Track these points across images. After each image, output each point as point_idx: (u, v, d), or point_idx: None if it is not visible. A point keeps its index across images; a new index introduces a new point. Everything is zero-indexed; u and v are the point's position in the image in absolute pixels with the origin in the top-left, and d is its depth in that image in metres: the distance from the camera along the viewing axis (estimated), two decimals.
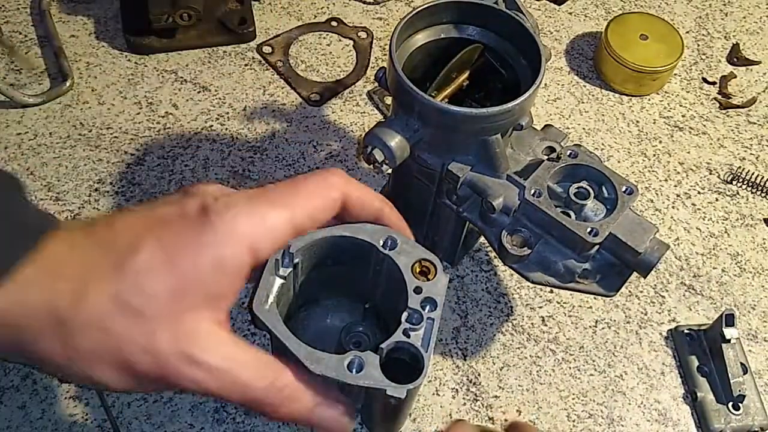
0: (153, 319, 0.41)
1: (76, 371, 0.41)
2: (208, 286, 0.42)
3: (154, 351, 0.40)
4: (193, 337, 0.41)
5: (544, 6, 1.13)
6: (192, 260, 0.42)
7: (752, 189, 0.95)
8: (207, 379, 0.41)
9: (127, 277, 0.40)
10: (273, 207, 0.45)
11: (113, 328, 0.40)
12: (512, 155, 0.71)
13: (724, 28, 1.13)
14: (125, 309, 0.40)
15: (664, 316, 0.84)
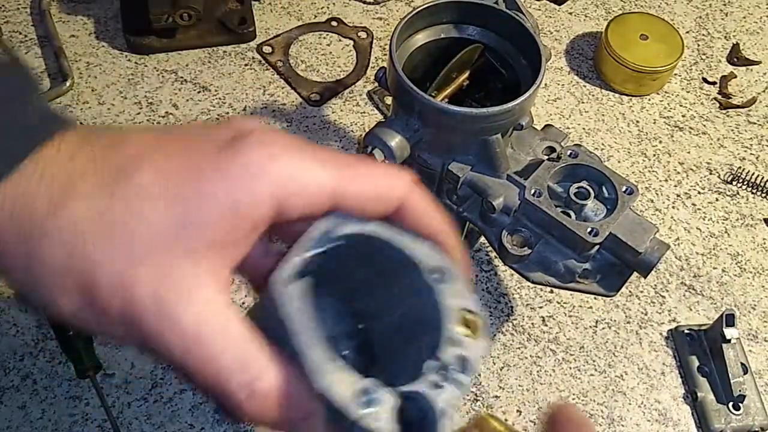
0: (138, 251, 0.34)
1: (34, 289, 0.35)
2: (214, 230, 0.34)
3: (126, 285, 0.33)
4: (178, 286, 0.34)
5: (544, 6, 1.13)
6: (202, 195, 0.34)
7: (752, 189, 0.95)
8: (172, 342, 0.33)
9: (119, 197, 0.34)
10: (321, 166, 0.36)
11: (87, 247, 0.33)
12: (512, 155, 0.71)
13: (724, 28, 1.13)
14: (108, 230, 0.34)
15: (665, 316, 0.84)
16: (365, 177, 0.38)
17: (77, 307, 0.34)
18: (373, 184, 0.38)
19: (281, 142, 0.36)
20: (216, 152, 0.35)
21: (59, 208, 0.33)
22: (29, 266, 0.34)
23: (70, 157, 0.35)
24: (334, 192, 0.36)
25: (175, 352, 0.33)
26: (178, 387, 0.75)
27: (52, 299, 0.34)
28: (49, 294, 0.34)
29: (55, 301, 0.34)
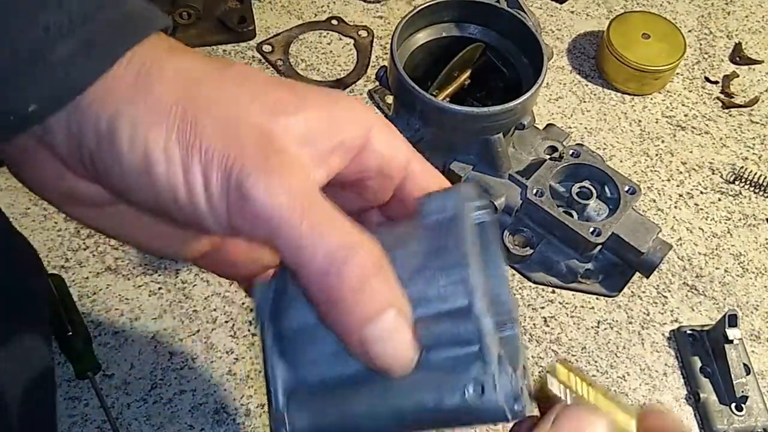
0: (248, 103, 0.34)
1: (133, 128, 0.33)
2: (312, 130, 0.34)
3: (231, 130, 0.33)
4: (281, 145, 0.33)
5: (545, 5, 1.13)
6: (306, 99, 0.35)
7: (755, 189, 0.95)
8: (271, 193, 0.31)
9: (235, 67, 0.35)
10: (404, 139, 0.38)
11: (200, 89, 0.34)
12: (514, 154, 0.71)
13: (726, 27, 1.13)
14: (221, 80, 0.34)
15: (667, 316, 0.84)
16: (433, 170, 0.39)
17: (172, 138, 0.32)
18: (438, 180, 0.39)
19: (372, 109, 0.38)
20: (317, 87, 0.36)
21: (178, 59, 0.34)
22: (135, 98, 0.33)
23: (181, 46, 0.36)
24: (408, 166, 0.38)
25: (275, 204, 0.31)
26: (178, 388, 0.74)
27: (148, 130, 0.32)
28: (147, 125, 0.32)
29: (150, 131, 0.32)
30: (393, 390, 0.33)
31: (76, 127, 0.33)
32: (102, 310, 0.79)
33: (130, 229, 0.40)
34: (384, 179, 0.38)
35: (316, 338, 0.34)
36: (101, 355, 0.75)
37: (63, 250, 0.82)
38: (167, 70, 0.34)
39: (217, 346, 0.77)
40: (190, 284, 0.81)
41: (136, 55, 0.33)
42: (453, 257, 0.32)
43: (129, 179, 0.33)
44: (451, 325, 0.32)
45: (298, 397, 0.35)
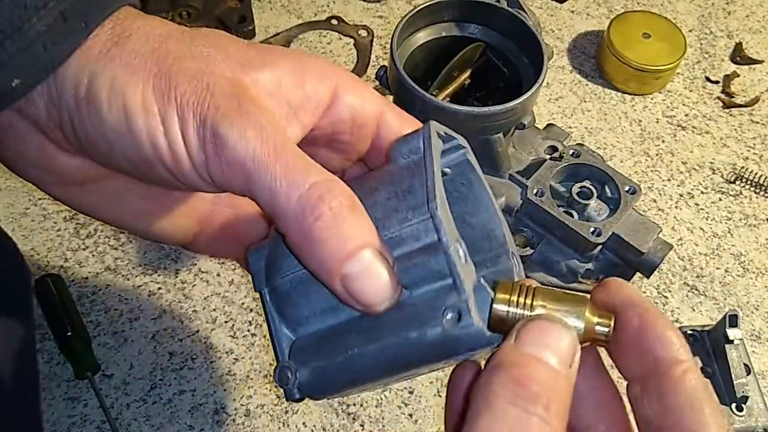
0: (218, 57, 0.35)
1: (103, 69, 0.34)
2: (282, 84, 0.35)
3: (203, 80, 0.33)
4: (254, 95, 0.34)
5: (546, 4, 1.13)
6: (274, 56, 0.36)
7: (755, 189, 0.94)
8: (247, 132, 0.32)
9: (203, 32, 0.36)
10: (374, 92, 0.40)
11: (171, 43, 0.34)
12: (514, 154, 0.71)
13: (727, 26, 1.13)
14: (190, 39, 0.35)
15: (667, 316, 0.83)
16: (408, 118, 0.40)
17: (147, 94, 0.33)
18: (413, 125, 0.39)
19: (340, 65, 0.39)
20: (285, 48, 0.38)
21: (149, 22, 0.35)
22: (111, 55, 0.34)
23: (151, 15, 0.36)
24: (380, 116, 0.38)
25: (249, 148, 0.32)
26: (178, 388, 0.74)
27: (126, 83, 0.33)
28: (124, 78, 0.33)
29: (127, 84, 0.33)
30: (381, 329, 0.34)
31: (56, 95, 0.34)
32: (101, 310, 0.78)
33: (114, 208, 0.40)
34: (359, 131, 0.39)
35: (309, 293, 0.36)
36: (100, 356, 0.75)
37: (62, 250, 0.82)
38: (140, 30, 0.35)
39: (217, 347, 0.77)
40: (189, 284, 0.81)
41: (109, 22, 0.35)
42: (420, 195, 0.33)
43: (111, 137, 0.34)
44: (425, 260, 0.33)
45: (298, 350, 0.37)
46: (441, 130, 0.37)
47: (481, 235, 0.40)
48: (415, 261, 0.33)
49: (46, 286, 0.77)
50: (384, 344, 0.34)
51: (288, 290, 0.37)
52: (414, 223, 0.33)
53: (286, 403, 0.74)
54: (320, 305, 0.36)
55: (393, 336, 0.34)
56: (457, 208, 0.40)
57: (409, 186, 0.34)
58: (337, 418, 0.73)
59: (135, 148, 0.34)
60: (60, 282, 0.78)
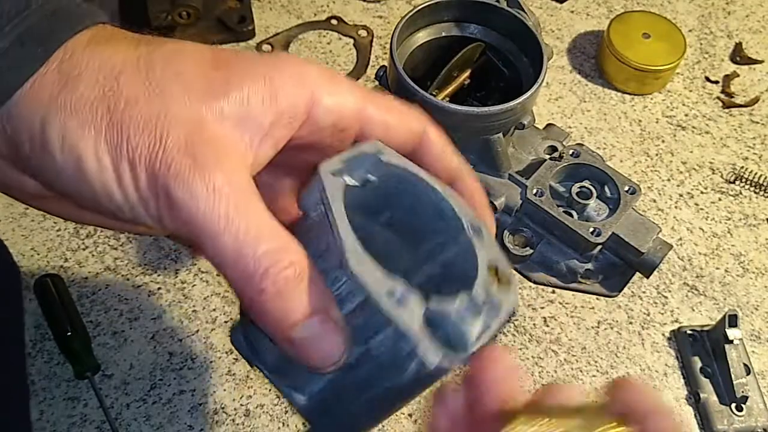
0: (174, 98, 0.32)
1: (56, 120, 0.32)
2: (250, 100, 0.34)
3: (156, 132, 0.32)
4: (211, 143, 0.32)
5: (545, 4, 1.13)
6: (244, 70, 0.34)
7: (755, 189, 0.94)
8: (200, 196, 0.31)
9: (161, 49, 0.34)
10: (351, 87, 0.37)
11: (125, 82, 0.32)
12: (514, 154, 0.71)
13: (726, 26, 1.13)
14: (145, 72, 0.33)
15: (667, 316, 0.83)
16: (390, 106, 0.38)
17: (99, 147, 0.32)
18: (397, 113, 0.38)
19: (315, 63, 0.37)
20: (253, 56, 0.35)
21: (99, 53, 0.33)
22: (61, 100, 0.32)
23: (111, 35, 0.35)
24: (361, 113, 0.37)
25: (201, 211, 0.31)
26: (177, 388, 0.74)
27: (77, 136, 0.32)
28: (75, 130, 0.32)
29: (80, 138, 0.32)
30: (364, 387, 0.35)
31: (10, 130, 0.33)
32: (101, 310, 0.78)
33: (89, 214, 0.39)
34: (341, 134, 0.38)
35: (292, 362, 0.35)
36: (100, 356, 0.75)
37: (62, 250, 0.82)
38: (89, 67, 0.33)
39: (217, 347, 0.77)
40: (189, 284, 0.81)
41: (58, 55, 0.33)
42: (336, 255, 0.33)
43: (65, 182, 0.33)
44: (367, 315, 0.33)
45: (310, 409, 0.37)
46: (334, 165, 0.35)
47: (433, 217, 0.39)
48: (359, 318, 0.33)
49: (46, 286, 0.77)
50: (370, 396, 0.35)
51: (275, 360, 0.37)
52: (343, 282, 0.33)
53: (285, 403, 0.74)
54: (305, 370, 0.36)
55: (373, 389, 0.35)
56: (401, 204, 0.39)
57: (326, 245, 0.34)
58: None
59: (91, 196, 0.33)
60: (60, 282, 0.78)
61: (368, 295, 0.32)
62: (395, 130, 0.38)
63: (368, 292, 0.32)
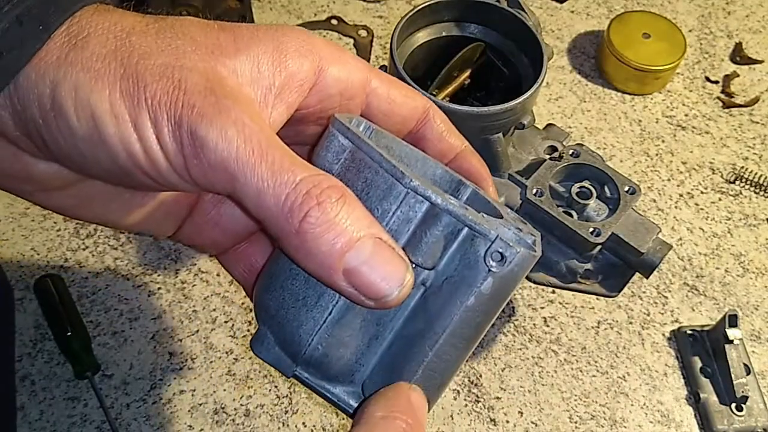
0: (186, 47, 0.32)
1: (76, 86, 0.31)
2: (261, 67, 0.34)
3: (174, 77, 0.31)
4: (230, 87, 0.32)
5: (546, 4, 1.13)
6: (249, 37, 0.34)
7: (755, 189, 0.94)
8: (228, 133, 0.30)
9: (167, 18, 0.34)
10: (357, 60, 0.38)
11: (136, 39, 0.32)
12: (514, 154, 0.71)
13: (726, 26, 1.13)
14: (154, 32, 0.33)
15: (667, 316, 0.83)
16: (395, 82, 0.38)
17: (116, 99, 0.31)
18: (402, 89, 0.38)
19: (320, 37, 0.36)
20: (261, 26, 0.35)
21: (107, 17, 0.33)
22: (71, 58, 0.31)
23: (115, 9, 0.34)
24: (367, 85, 0.37)
25: (233, 147, 0.30)
26: (177, 388, 0.74)
27: (91, 89, 0.31)
28: (88, 83, 0.31)
29: (93, 91, 0.31)
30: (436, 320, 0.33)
31: (20, 107, 0.32)
32: (101, 310, 0.78)
33: (99, 208, 0.38)
34: (347, 103, 0.37)
35: (343, 339, 0.34)
36: (100, 356, 0.75)
37: (62, 251, 0.82)
38: (98, 28, 0.32)
39: (217, 347, 0.77)
40: (189, 284, 0.81)
41: (68, 26, 0.32)
42: (382, 182, 0.32)
43: (83, 148, 0.32)
44: (431, 232, 0.32)
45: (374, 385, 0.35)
46: (343, 118, 0.35)
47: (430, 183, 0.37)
48: (422, 240, 0.32)
49: (46, 286, 0.77)
50: (451, 329, 0.33)
51: (323, 351, 0.34)
52: (395, 209, 0.32)
53: (285, 402, 0.74)
54: (362, 340, 0.34)
55: (451, 316, 0.32)
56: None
57: (364, 182, 0.33)
58: (336, 418, 0.73)
59: (110, 158, 0.32)
60: (60, 282, 0.78)
61: (433, 203, 0.31)
62: (399, 105, 0.38)
63: (433, 201, 0.31)
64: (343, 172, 0.34)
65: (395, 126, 0.39)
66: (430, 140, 0.40)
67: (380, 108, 0.38)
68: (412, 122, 0.39)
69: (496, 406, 0.76)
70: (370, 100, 0.38)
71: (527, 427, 0.75)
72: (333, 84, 0.36)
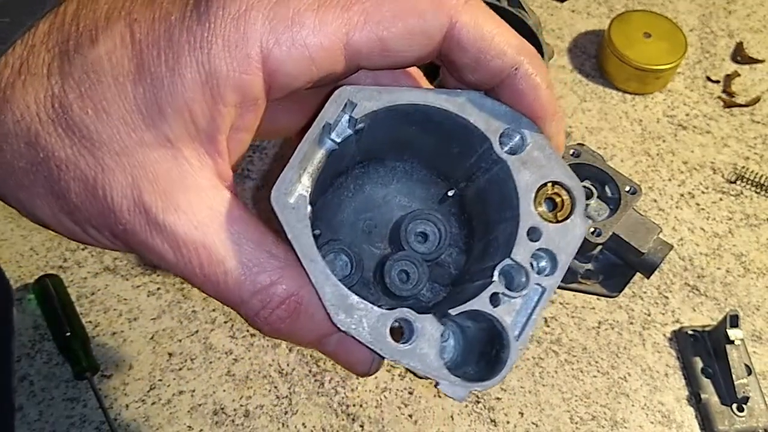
0: (102, 145, 0.28)
1: (6, 192, 0.30)
2: (191, 108, 0.28)
3: (99, 194, 0.28)
4: (162, 187, 0.28)
5: (546, 3, 1.13)
6: (173, 70, 0.27)
7: (756, 188, 0.94)
8: (166, 253, 0.28)
9: (73, 74, 0.28)
10: (323, 13, 0.28)
11: (46, 144, 0.28)
12: None
13: (727, 26, 1.13)
14: (64, 120, 0.28)
15: (668, 317, 0.83)
16: (387, 10, 0.29)
17: (51, 213, 0.29)
18: (401, 16, 0.29)
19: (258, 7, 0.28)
20: (184, 14, 0.28)
21: (12, 100, 0.28)
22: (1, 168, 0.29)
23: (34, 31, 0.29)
24: (347, 45, 0.29)
25: (171, 265, 0.29)
26: (177, 389, 0.74)
27: (25, 201, 0.29)
28: (19, 194, 0.29)
29: (29, 204, 0.30)
30: None
31: None
32: (100, 310, 0.78)
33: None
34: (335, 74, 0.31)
35: None
36: (99, 356, 0.75)
37: (61, 251, 0.82)
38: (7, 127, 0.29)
39: (216, 347, 0.77)
40: (189, 284, 0.81)
41: None
42: None
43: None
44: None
45: None
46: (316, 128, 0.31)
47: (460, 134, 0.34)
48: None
49: (45, 286, 0.77)
50: None
51: None
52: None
53: (285, 403, 0.74)
54: None
55: None
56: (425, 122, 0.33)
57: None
58: (336, 418, 0.73)
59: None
60: (59, 282, 0.78)
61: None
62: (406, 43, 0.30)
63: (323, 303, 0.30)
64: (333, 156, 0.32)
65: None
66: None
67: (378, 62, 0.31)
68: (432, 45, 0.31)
69: (497, 406, 0.76)
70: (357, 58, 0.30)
71: (528, 428, 0.75)
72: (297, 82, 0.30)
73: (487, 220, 0.35)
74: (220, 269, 0.29)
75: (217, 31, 0.27)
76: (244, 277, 0.29)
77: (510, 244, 0.31)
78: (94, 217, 0.29)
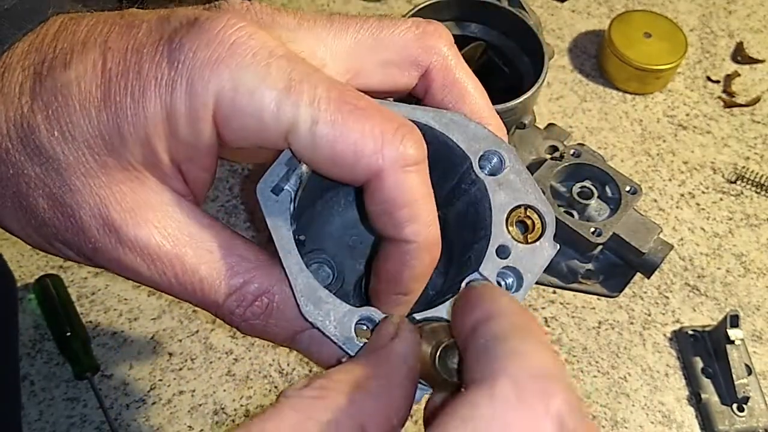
0: (69, 167, 0.29)
1: None
2: (151, 141, 0.29)
3: (67, 212, 0.29)
4: (124, 203, 0.29)
5: (546, 3, 1.13)
6: (137, 99, 0.29)
7: (756, 188, 0.94)
8: (140, 267, 0.30)
9: (42, 95, 0.29)
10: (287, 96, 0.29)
11: (16, 161, 0.29)
12: None
13: (728, 26, 1.13)
14: (32, 141, 0.29)
15: (668, 317, 0.83)
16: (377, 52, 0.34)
17: (22, 228, 0.31)
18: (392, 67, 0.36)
19: (236, 38, 0.28)
20: (156, 48, 0.29)
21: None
22: None
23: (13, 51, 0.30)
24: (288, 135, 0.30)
25: (144, 276, 0.30)
26: (177, 389, 0.74)
27: (2, 215, 0.31)
28: (6, 221, 0.31)
29: (3, 218, 0.31)
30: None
31: None
32: (101, 310, 0.78)
33: None
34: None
35: None
36: (100, 356, 0.75)
37: None
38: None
39: (217, 347, 0.77)
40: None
41: None
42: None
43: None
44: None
45: None
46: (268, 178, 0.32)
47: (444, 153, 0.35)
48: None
49: (45, 286, 0.76)
50: None
51: None
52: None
53: None
54: None
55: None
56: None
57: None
58: None
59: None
60: (59, 282, 0.78)
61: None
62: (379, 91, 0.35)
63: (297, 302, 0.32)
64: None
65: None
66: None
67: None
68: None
69: None
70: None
71: None
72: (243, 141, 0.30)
73: (464, 242, 0.36)
74: (195, 277, 0.30)
75: (183, 72, 0.29)
76: (219, 282, 0.31)
77: (480, 260, 0.32)
78: (61, 233, 0.30)
